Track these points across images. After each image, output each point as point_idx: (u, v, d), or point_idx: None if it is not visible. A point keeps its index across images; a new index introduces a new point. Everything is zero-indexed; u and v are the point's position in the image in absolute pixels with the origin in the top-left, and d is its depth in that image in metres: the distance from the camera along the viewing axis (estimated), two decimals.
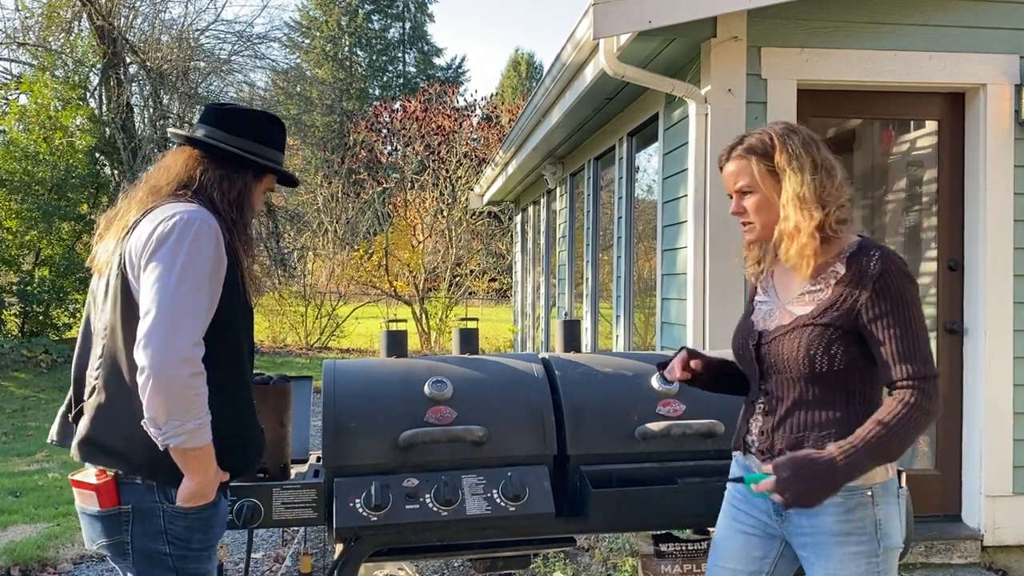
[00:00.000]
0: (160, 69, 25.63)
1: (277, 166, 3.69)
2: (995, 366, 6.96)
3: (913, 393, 3.04)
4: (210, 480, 3.30)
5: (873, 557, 3.18)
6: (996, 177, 6.96)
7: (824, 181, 3.25)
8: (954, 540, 6.97)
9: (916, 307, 3.12)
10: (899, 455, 3.10)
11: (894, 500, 3.25)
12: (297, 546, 7.43)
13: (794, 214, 3.24)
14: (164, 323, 3.11)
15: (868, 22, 6.88)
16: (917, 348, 3.08)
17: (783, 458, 3.13)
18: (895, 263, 3.14)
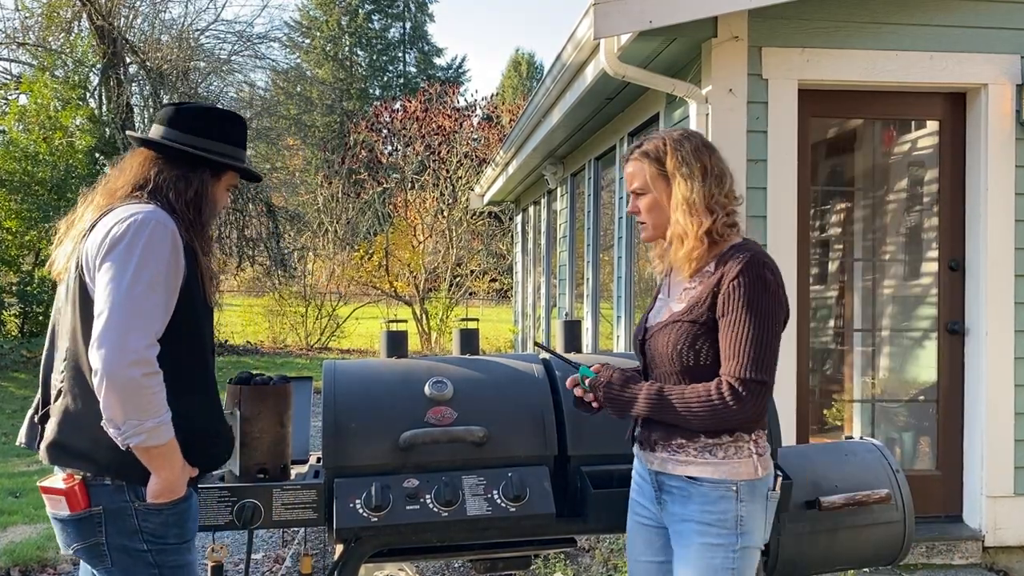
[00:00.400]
0: (160, 69, 25.61)
1: (235, 162, 3.68)
2: (996, 366, 6.95)
3: (728, 389, 3.18)
4: (177, 475, 3.31)
5: (731, 552, 3.28)
6: (997, 177, 6.95)
7: (713, 188, 3.37)
8: (955, 541, 6.96)
9: (765, 313, 3.22)
10: (691, 427, 3.29)
11: (761, 500, 3.35)
12: (297, 547, 7.42)
13: (683, 219, 3.38)
14: (116, 324, 3.11)
15: (869, 22, 6.87)
16: (748, 350, 3.18)
17: (617, 373, 3.43)
18: (754, 268, 3.24)
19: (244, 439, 3.83)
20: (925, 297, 7.34)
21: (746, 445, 3.31)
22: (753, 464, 3.30)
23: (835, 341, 7.68)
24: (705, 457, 3.30)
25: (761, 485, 3.33)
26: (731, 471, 3.28)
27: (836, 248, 7.75)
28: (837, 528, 4.51)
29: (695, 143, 3.43)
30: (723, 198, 3.37)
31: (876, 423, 7.48)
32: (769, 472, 3.37)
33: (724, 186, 3.39)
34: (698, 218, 3.33)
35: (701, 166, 3.37)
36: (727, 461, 3.29)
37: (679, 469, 3.36)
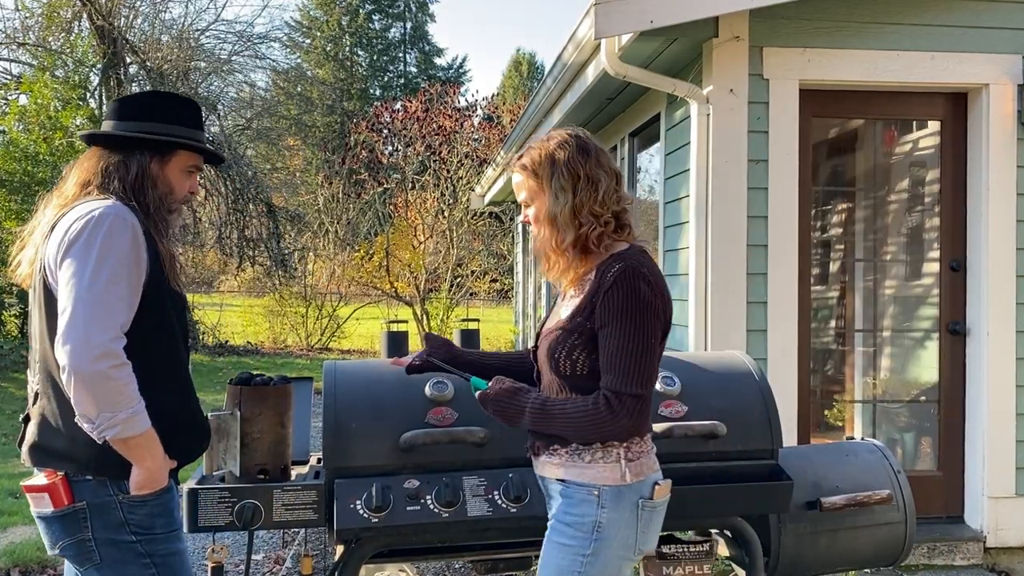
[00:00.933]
0: (160, 69, 25.58)
1: (175, 139, 3.62)
2: (997, 367, 6.94)
3: (603, 401, 3.16)
4: (159, 464, 3.33)
5: (580, 555, 3.26)
6: (998, 177, 6.94)
7: (585, 200, 3.31)
8: (957, 541, 6.95)
9: (638, 326, 3.18)
10: (573, 439, 3.27)
11: (629, 509, 3.30)
12: (298, 548, 7.41)
13: (545, 231, 3.37)
14: (79, 320, 3.12)
15: (870, 22, 6.86)
16: (621, 364, 3.16)
17: (507, 384, 3.35)
18: (628, 280, 3.20)
19: (244, 439, 3.82)
20: (926, 297, 7.33)
21: (615, 450, 3.27)
22: (620, 470, 3.26)
23: (836, 341, 7.68)
24: (573, 460, 3.29)
25: (628, 492, 3.28)
26: (595, 475, 3.26)
27: (837, 248, 7.75)
28: (838, 529, 4.52)
29: (570, 152, 3.35)
30: (597, 207, 3.30)
31: (877, 424, 7.47)
32: (644, 480, 3.32)
33: (598, 193, 3.31)
34: (562, 232, 3.30)
35: (572, 177, 3.31)
36: (592, 465, 3.26)
37: (552, 472, 3.36)
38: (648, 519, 3.34)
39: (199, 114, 3.81)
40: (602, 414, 3.15)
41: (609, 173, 3.37)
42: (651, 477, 3.35)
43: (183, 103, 3.76)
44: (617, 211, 3.36)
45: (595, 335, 3.22)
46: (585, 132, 3.46)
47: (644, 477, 3.32)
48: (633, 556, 3.34)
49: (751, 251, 6.78)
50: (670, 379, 4.28)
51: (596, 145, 3.41)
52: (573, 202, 3.29)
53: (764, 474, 4.26)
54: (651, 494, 3.33)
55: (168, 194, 3.60)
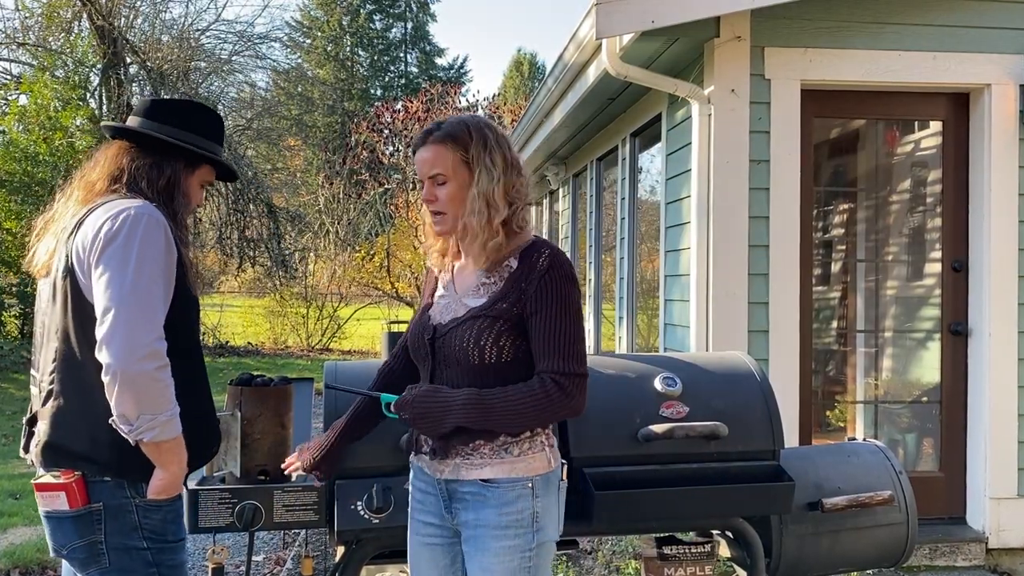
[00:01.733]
0: (161, 69, 25.56)
1: (208, 154, 3.67)
2: (1000, 368, 6.93)
3: (552, 383, 3.14)
4: (183, 470, 3.35)
5: (527, 551, 3.24)
6: (1001, 178, 6.93)
7: (514, 179, 3.33)
8: (958, 542, 6.94)
9: (574, 308, 3.24)
10: (514, 429, 3.22)
11: (554, 493, 3.32)
12: (298, 549, 7.40)
13: (485, 209, 3.28)
14: (125, 320, 3.12)
15: (872, 22, 6.85)
16: (567, 346, 3.17)
17: (424, 387, 3.28)
18: (562, 264, 3.25)
19: (245, 440, 3.81)
20: (928, 298, 7.32)
21: (539, 438, 3.28)
22: (547, 457, 3.28)
23: (838, 342, 7.66)
24: (501, 456, 3.23)
25: (553, 477, 3.31)
26: (527, 467, 3.24)
27: (839, 249, 7.73)
28: (840, 530, 4.51)
29: (497, 133, 3.37)
30: (523, 188, 3.35)
31: (879, 424, 7.46)
32: (559, 461, 3.35)
33: (523, 178, 3.37)
34: (497, 209, 3.28)
35: (502, 155, 3.32)
36: (522, 458, 3.24)
37: (472, 473, 3.26)
38: (562, 500, 3.38)
39: (223, 129, 3.85)
40: (555, 396, 3.13)
41: (520, 162, 3.43)
42: (559, 458, 3.38)
43: (213, 116, 3.79)
44: (528, 200, 3.43)
45: (521, 320, 3.22)
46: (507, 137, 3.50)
47: (558, 460, 3.36)
48: (556, 540, 3.36)
49: (752, 251, 6.78)
50: (671, 380, 4.27)
51: (514, 151, 3.45)
52: (505, 180, 3.30)
53: (766, 475, 4.24)
54: (563, 474, 3.37)
55: (187, 204, 3.64)
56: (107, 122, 3.80)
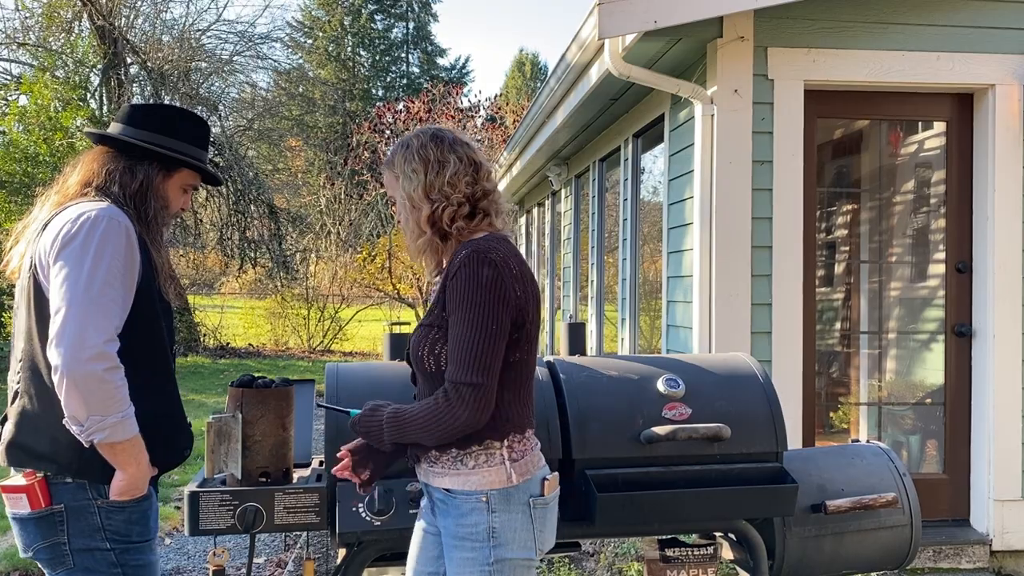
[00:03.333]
0: (161, 70, 25.55)
1: (185, 158, 3.68)
2: (1004, 369, 6.91)
3: (442, 395, 3.13)
4: (143, 472, 3.35)
5: (486, 565, 3.21)
6: (1005, 178, 6.91)
7: (433, 179, 3.32)
8: (962, 545, 6.92)
9: (480, 311, 3.13)
10: (428, 443, 3.21)
11: (521, 509, 3.25)
12: (300, 551, 7.39)
13: (408, 210, 3.36)
14: (75, 320, 3.13)
15: (876, 22, 6.84)
16: (460, 353, 3.12)
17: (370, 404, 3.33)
18: (470, 265, 3.16)
19: (246, 442, 3.80)
20: (932, 299, 7.31)
21: (497, 452, 3.23)
22: (505, 472, 3.22)
23: (841, 344, 7.64)
24: (457, 468, 3.24)
25: (518, 493, 3.24)
26: (480, 481, 3.21)
27: (842, 250, 7.71)
28: (843, 532, 4.50)
29: (423, 139, 3.39)
30: (446, 187, 3.31)
31: (883, 426, 7.44)
32: (531, 478, 3.28)
33: (445, 174, 3.33)
34: (418, 208, 3.31)
35: (423, 160, 3.34)
36: (476, 471, 3.22)
37: (437, 481, 3.29)
38: (542, 516, 3.31)
39: (208, 134, 3.88)
40: (440, 408, 3.11)
41: (463, 159, 3.38)
42: (538, 474, 3.32)
43: (196, 122, 3.82)
44: (471, 195, 3.35)
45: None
46: (448, 129, 3.51)
47: (531, 475, 3.29)
48: (535, 557, 3.31)
49: (756, 252, 6.76)
50: (674, 381, 4.26)
51: (455, 137, 3.45)
52: (424, 181, 3.31)
53: (769, 477, 4.24)
54: (541, 491, 3.31)
55: (164, 208, 3.65)
56: (90, 129, 3.85)
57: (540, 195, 16.44)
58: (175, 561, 7.56)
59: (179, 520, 8.48)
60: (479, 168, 3.40)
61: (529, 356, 3.28)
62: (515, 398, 3.26)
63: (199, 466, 3.98)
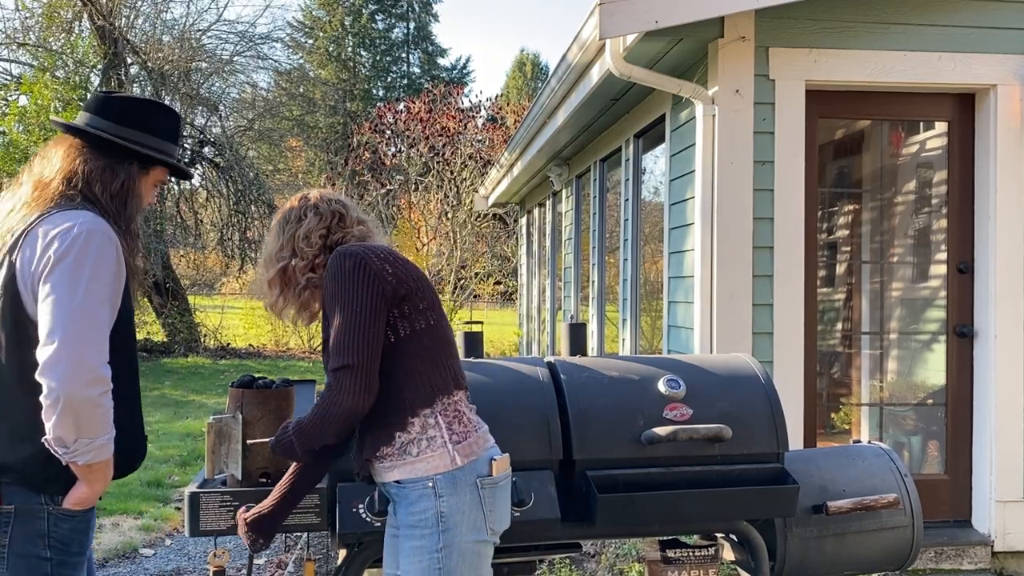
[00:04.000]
0: (162, 70, 25.53)
1: (164, 157, 3.59)
2: (1006, 369, 6.90)
3: (328, 386, 3.23)
4: (106, 486, 3.31)
5: (434, 552, 3.25)
6: (1006, 179, 6.90)
7: (284, 244, 3.59)
8: (964, 546, 6.91)
9: (346, 296, 3.25)
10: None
11: (468, 491, 3.29)
12: (300, 552, 7.38)
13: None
14: (72, 344, 3.03)
15: (877, 22, 6.83)
16: (337, 340, 3.22)
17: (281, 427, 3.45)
18: (332, 263, 3.35)
19: (246, 443, 3.79)
20: (934, 300, 7.30)
21: (438, 435, 3.29)
22: (448, 455, 3.28)
23: (843, 344, 7.63)
24: (403, 458, 3.30)
25: (463, 475, 3.29)
26: (426, 468, 3.27)
27: (844, 250, 7.70)
28: (845, 533, 4.50)
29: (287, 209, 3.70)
30: (300, 244, 3.56)
31: (884, 427, 7.43)
32: (476, 459, 3.33)
33: (297, 235, 3.57)
34: (267, 271, 3.65)
35: (280, 222, 3.70)
36: (420, 458, 3.27)
37: (387, 476, 3.36)
38: (492, 497, 3.35)
39: (180, 127, 3.83)
40: (324, 400, 3.22)
41: (301, 223, 3.58)
42: (485, 455, 3.37)
43: (169, 114, 3.73)
44: (332, 238, 3.55)
45: None
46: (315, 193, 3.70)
47: (477, 456, 3.33)
48: (488, 537, 3.34)
49: (757, 253, 6.75)
50: (675, 382, 4.26)
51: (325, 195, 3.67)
52: (274, 247, 3.63)
53: (770, 478, 4.24)
54: (489, 471, 3.35)
55: (138, 207, 3.57)
56: (56, 118, 3.68)
57: (541, 195, 16.43)
58: (176, 562, 7.56)
59: (179, 521, 8.48)
60: (340, 215, 3.61)
61: (432, 324, 3.38)
62: (432, 365, 3.35)
63: (199, 467, 3.98)
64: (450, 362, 3.40)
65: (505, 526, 3.43)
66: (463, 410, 3.39)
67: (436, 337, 3.37)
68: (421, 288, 3.36)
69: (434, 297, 3.42)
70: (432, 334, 3.36)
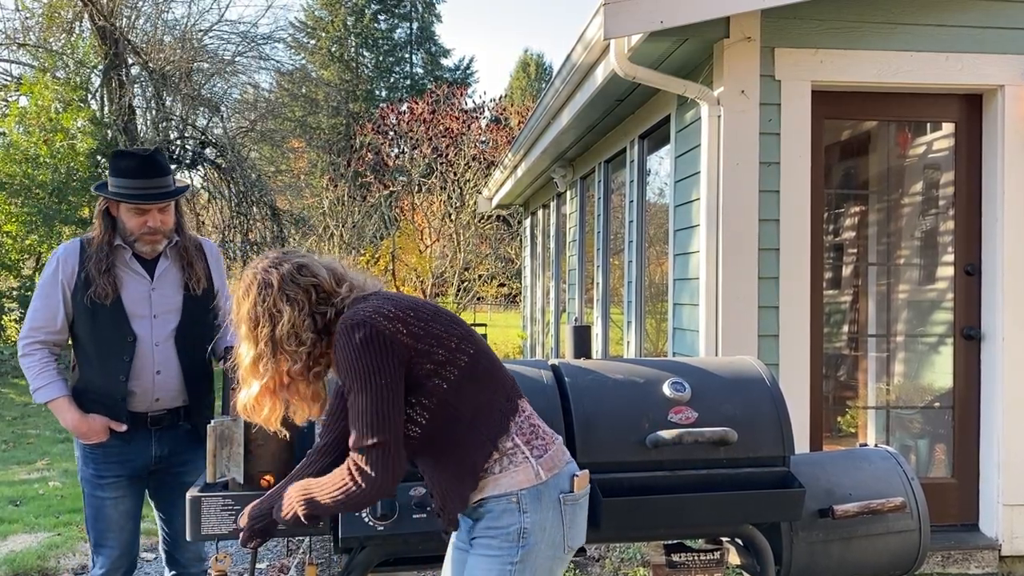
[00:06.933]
0: (163, 70, 25.50)
1: (103, 192, 4.81)
2: (1013, 372, 6.87)
3: (349, 474, 3.10)
4: (72, 427, 4.75)
5: (509, 564, 3.19)
6: (1014, 180, 6.87)
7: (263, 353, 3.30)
8: (971, 550, 6.88)
9: (362, 371, 3.09)
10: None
11: (551, 507, 3.23)
12: (302, 556, 7.33)
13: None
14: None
15: (884, 22, 6.79)
16: (361, 417, 3.08)
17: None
18: (342, 336, 3.15)
19: (248, 446, 3.78)
20: (940, 302, 7.26)
21: (518, 451, 3.22)
22: (532, 469, 3.20)
23: (849, 346, 7.60)
24: (485, 477, 3.21)
25: (547, 490, 3.22)
26: (510, 483, 3.19)
27: (850, 252, 7.67)
28: (851, 537, 4.47)
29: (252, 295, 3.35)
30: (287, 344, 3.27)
31: (891, 430, 7.40)
32: (559, 473, 3.27)
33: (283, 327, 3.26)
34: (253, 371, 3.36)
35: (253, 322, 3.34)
36: (504, 474, 3.19)
37: (473, 498, 3.25)
38: (572, 514, 3.29)
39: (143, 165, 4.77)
40: (351, 479, 3.10)
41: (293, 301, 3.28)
42: (567, 469, 3.31)
43: (126, 158, 4.83)
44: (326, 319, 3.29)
45: None
46: (276, 258, 3.39)
47: (559, 470, 3.27)
48: (563, 554, 3.30)
49: (762, 255, 6.72)
50: (680, 385, 4.23)
51: (285, 269, 3.32)
52: (256, 351, 3.29)
53: (776, 481, 4.21)
54: (571, 487, 3.28)
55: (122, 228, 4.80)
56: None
57: (545, 197, 16.42)
58: None
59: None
60: (317, 289, 3.32)
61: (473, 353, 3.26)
62: (492, 392, 3.27)
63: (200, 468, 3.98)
64: (504, 378, 3.33)
65: (581, 543, 3.39)
66: (536, 423, 3.33)
67: (481, 362, 3.26)
68: (442, 326, 3.23)
69: (455, 326, 3.28)
70: (476, 363, 3.25)
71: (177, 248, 4.92)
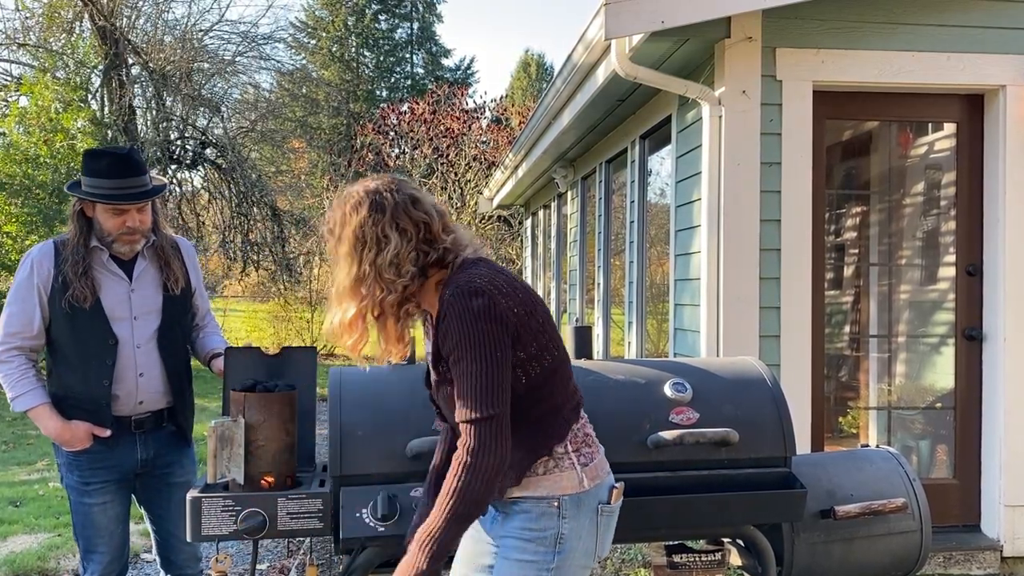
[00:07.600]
0: (163, 70, 25.51)
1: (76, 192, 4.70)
2: (1015, 373, 6.86)
3: (465, 442, 2.98)
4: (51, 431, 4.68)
5: (544, 569, 3.15)
6: (1016, 180, 6.86)
7: (366, 275, 3.17)
8: (973, 551, 6.87)
9: (481, 341, 3.00)
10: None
11: (588, 515, 3.20)
12: (303, 557, 7.34)
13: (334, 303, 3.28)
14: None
15: (885, 22, 6.79)
16: (474, 388, 2.98)
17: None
18: (461, 299, 3.03)
19: (248, 447, 3.77)
20: (942, 303, 7.25)
21: (567, 458, 3.18)
22: (577, 476, 3.17)
23: (850, 347, 7.59)
24: (527, 475, 3.17)
25: (588, 499, 3.19)
26: (552, 486, 3.15)
27: (851, 252, 7.66)
28: (852, 538, 4.47)
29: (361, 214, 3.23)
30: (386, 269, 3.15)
31: (892, 431, 7.39)
32: (601, 483, 3.25)
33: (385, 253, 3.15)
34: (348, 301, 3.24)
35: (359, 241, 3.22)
36: (547, 476, 3.16)
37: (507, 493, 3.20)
38: (606, 524, 3.28)
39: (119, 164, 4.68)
40: (468, 461, 2.97)
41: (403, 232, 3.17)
42: (607, 480, 3.29)
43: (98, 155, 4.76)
44: (427, 260, 3.18)
45: None
46: (390, 182, 3.28)
47: (601, 481, 3.25)
48: (592, 563, 3.28)
49: (764, 255, 6.71)
50: (681, 385, 4.23)
51: (400, 198, 3.22)
52: (357, 272, 3.18)
53: (777, 482, 4.21)
54: (609, 498, 3.27)
55: (99, 228, 4.71)
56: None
57: (546, 197, 16.42)
58: None
59: None
60: (425, 225, 3.21)
61: (557, 355, 3.20)
62: (564, 398, 3.23)
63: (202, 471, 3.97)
64: (574, 387, 3.29)
65: (607, 553, 3.37)
66: (589, 432, 3.32)
67: (561, 367, 3.22)
68: (540, 319, 3.17)
69: (549, 324, 3.22)
70: (558, 366, 3.20)
71: (154, 247, 4.86)
